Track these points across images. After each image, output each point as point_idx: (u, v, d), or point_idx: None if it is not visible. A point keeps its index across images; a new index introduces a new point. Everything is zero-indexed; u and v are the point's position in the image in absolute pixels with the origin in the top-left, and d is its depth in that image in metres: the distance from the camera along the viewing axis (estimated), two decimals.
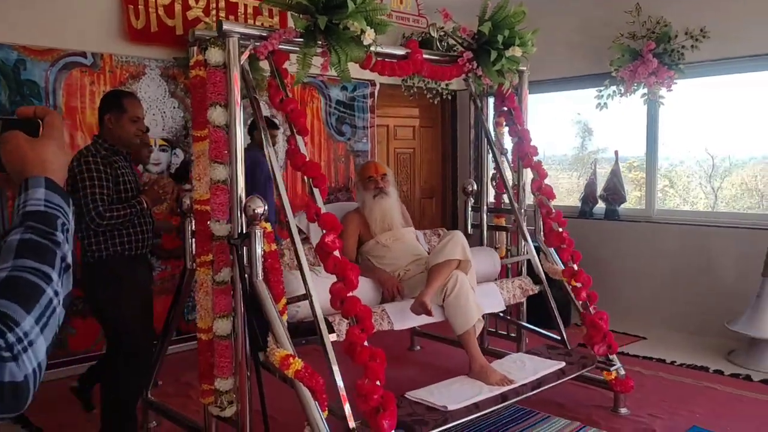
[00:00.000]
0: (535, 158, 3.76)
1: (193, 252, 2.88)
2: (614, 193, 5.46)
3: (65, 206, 0.83)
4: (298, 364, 2.41)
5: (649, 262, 5.17)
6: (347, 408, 2.47)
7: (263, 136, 2.77)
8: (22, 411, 0.68)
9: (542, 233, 3.74)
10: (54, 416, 3.37)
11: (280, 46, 2.73)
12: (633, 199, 5.69)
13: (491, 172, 4.12)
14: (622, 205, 5.49)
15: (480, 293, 3.34)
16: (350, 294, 2.55)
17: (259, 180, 4.21)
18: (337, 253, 2.59)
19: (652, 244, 5.17)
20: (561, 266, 3.66)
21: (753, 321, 4.20)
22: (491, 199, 4.20)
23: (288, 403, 2.45)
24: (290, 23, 3.09)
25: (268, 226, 2.65)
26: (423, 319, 3.12)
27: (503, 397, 2.97)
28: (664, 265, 5.10)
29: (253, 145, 4.30)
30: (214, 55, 2.59)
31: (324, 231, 2.62)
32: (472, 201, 4.19)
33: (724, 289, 4.72)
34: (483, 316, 3.37)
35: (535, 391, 3.11)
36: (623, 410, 3.42)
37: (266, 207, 2.61)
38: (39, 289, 0.72)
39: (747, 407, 3.51)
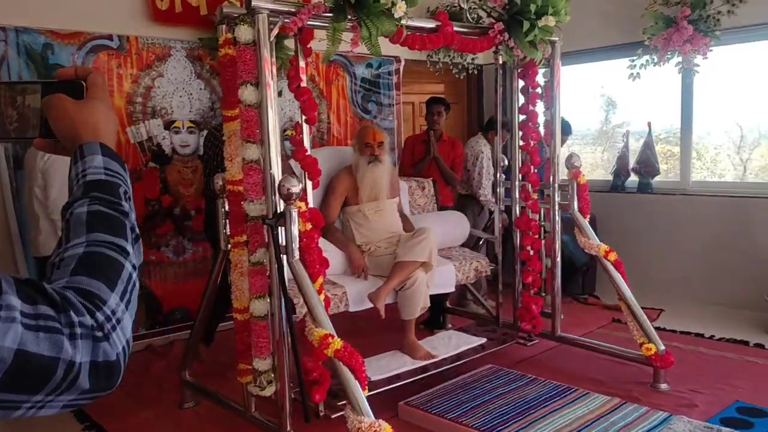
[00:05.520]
0: (533, 143, 3.85)
1: (227, 233, 2.87)
2: (647, 165, 5.33)
3: (123, 172, 0.80)
4: (337, 343, 2.40)
5: (685, 235, 5.06)
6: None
7: None
8: (113, 390, 0.66)
9: (575, 207, 3.69)
10: None
11: (309, 23, 2.68)
12: (663, 173, 5.55)
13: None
14: (656, 178, 5.36)
15: (436, 274, 3.56)
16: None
17: None
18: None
19: (687, 217, 5.04)
20: (597, 241, 3.61)
21: None
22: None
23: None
24: None
25: (303, 206, 2.63)
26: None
27: (423, 369, 3.34)
28: (700, 238, 4.98)
29: None
30: (244, 32, 2.55)
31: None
32: (503, 176, 4.13)
33: (763, 262, 4.61)
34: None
35: (454, 364, 3.46)
36: (663, 386, 3.36)
37: (301, 186, 2.58)
38: (119, 265, 0.69)
39: None
